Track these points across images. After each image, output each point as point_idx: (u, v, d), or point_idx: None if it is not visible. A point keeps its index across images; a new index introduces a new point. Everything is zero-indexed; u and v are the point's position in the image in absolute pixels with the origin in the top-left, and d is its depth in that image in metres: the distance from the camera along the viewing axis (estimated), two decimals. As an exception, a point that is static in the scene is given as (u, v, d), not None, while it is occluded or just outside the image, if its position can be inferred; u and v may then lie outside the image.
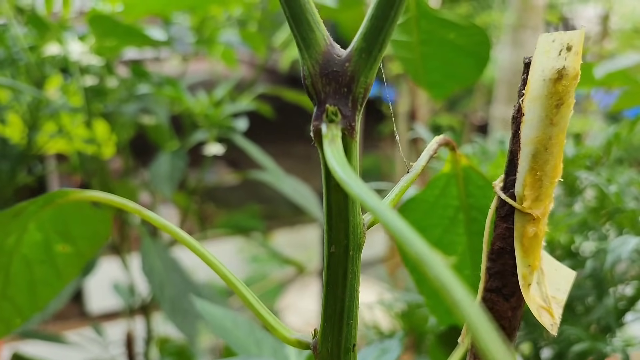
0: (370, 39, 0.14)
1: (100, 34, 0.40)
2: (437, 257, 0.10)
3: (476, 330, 0.09)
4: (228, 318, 0.28)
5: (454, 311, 0.09)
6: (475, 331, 0.09)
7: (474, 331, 0.09)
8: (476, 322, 0.09)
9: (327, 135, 0.14)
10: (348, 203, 0.16)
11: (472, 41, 0.28)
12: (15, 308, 0.30)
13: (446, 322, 0.30)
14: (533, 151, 0.16)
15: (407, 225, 0.11)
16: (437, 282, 0.10)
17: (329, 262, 0.16)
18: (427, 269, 0.10)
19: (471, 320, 0.09)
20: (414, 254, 0.10)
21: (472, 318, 0.09)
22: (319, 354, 0.17)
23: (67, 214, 0.27)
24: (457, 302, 0.09)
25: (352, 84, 0.15)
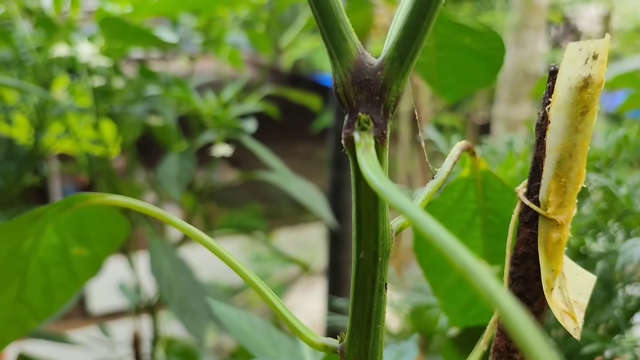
0: (403, 49, 0.15)
1: (110, 35, 0.40)
2: (483, 267, 0.10)
3: (525, 338, 0.09)
4: (244, 320, 0.28)
5: (503, 317, 0.09)
6: (523, 340, 0.09)
7: (522, 341, 0.09)
8: (525, 332, 0.09)
9: (360, 143, 0.15)
10: (378, 210, 0.16)
11: (487, 46, 0.28)
12: (31, 310, 0.30)
13: (460, 324, 0.30)
14: (558, 158, 0.16)
15: (446, 232, 0.11)
16: (482, 289, 0.10)
17: (357, 268, 0.16)
18: (471, 277, 0.10)
19: (520, 330, 0.09)
20: (458, 263, 0.10)
21: (521, 327, 0.09)
22: (346, 358, 0.17)
23: (84, 218, 0.27)
24: (504, 308, 0.10)
25: (384, 92, 0.15)
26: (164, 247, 0.47)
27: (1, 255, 0.27)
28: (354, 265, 0.17)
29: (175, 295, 0.45)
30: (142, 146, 0.69)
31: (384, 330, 0.17)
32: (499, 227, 0.26)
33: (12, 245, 0.27)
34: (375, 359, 0.17)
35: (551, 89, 0.16)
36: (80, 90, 0.58)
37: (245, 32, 0.59)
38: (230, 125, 0.51)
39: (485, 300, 0.10)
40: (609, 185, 0.38)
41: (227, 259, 0.19)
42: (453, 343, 0.30)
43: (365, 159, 0.14)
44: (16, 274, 0.28)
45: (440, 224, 0.27)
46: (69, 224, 0.27)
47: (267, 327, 0.29)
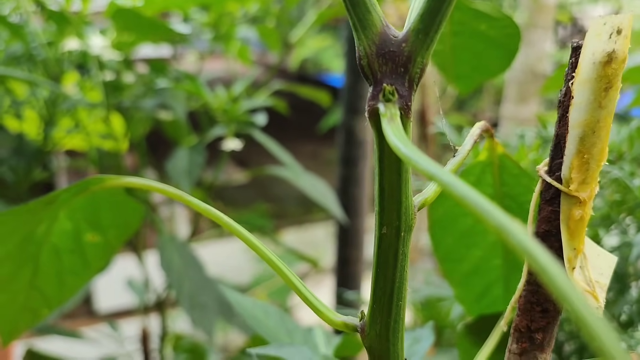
0: (427, 20, 0.15)
1: (122, 27, 0.41)
2: (517, 225, 0.10)
3: (562, 291, 0.09)
4: (259, 308, 0.28)
5: (546, 280, 0.09)
6: (561, 292, 0.09)
7: (560, 294, 0.09)
8: (563, 284, 0.09)
9: (386, 114, 0.14)
10: (401, 184, 0.16)
11: (503, 33, 0.28)
12: (44, 298, 0.30)
13: (474, 312, 0.30)
14: (581, 134, 0.16)
15: (480, 195, 0.11)
16: (518, 246, 0.10)
17: (380, 243, 0.16)
18: (507, 236, 0.10)
19: (557, 283, 0.09)
20: (492, 223, 0.10)
21: (558, 280, 0.09)
22: (366, 336, 0.17)
23: (98, 202, 0.27)
24: (541, 263, 0.09)
25: (408, 64, 0.15)
26: (174, 242, 0.47)
27: (15, 241, 0.27)
28: (375, 240, 0.16)
29: (185, 290, 0.44)
30: (150, 142, 0.69)
31: (405, 308, 0.17)
32: (515, 212, 0.26)
33: (25, 230, 0.27)
34: (397, 337, 0.17)
35: (574, 64, 0.16)
36: (90, 85, 0.59)
37: (255, 28, 0.59)
38: (240, 119, 0.51)
39: (521, 258, 0.10)
40: (622, 177, 0.38)
41: (254, 245, 0.19)
42: (467, 331, 0.29)
43: (391, 129, 0.14)
44: (29, 260, 0.28)
45: (456, 208, 0.27)
46: (83, 209, 0.27)
47: (281, 315, 0.28)
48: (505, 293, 0.30)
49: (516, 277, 0.31)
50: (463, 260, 0.29)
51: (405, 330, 0.17)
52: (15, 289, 0.28)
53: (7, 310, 0.29)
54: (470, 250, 0.29)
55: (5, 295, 0.29)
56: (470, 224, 0.28)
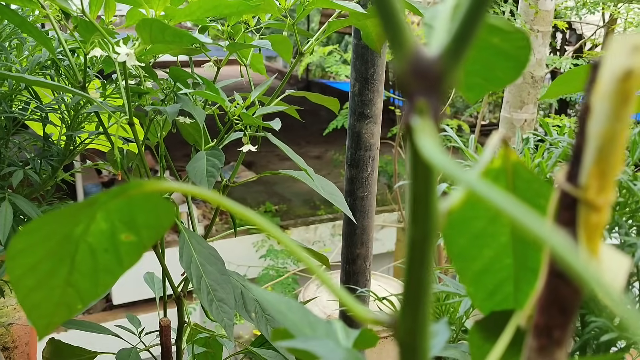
0: (460, 42, 0.16)
1: (147, 36, 0.42)
2: (547, 226, 0.11)
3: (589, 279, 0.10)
4: (282, 303, 0.30)
5: (573, 273, 0.11)
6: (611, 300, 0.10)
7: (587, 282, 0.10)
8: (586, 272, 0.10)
9: (419, 127, 0.16)
10: (430, 193, 0.17)
11: (514, 46, 0.30)
12: (78, 294, 0.32)
13: (485, 310, 0.32)
14: (599, 145, 0.18)
15: (511, 198, 0.13)
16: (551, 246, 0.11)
17: (411, 247, 0.18)
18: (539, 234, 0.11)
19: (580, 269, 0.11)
20: (524, 223, 0.12)
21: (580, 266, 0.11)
22: (397, 331, 0.19)
23: (134, 204, 0.29)
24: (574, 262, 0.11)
25: (441, 81, 0.16)
26: (194, 237, 0.48)
27: (55, 241, 0.29)
28: (408, 244, 0.18)
29: (205, 285, 0.46)
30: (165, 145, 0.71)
31: (430, 305, 0.19)
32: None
33: (65, 230, 0.29)
34: (425, 331, 0.19)
35: (593, 80, 0.18)
36: (109, 91, 0.61)
37: (268, 37, 0.61)
38: (255, 124, 0.52)
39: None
40: (625, 180, 0.39)
41: (289, 246, 0.20)
42: (479, 327, 0.31)
43: (425, 141, 0.15)
44: (66, 258, 0.30)
45: (470, 211, 0.28)
46: (119, 210, 0.29)
47: (304, 310, 0.30)
48: (516, 291, 0.31)
49: (526, 276, 0.32)
50: (475, 260, 0.30)
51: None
52: (52, 285, 0.30)
53: (44, 306, 0.31)
54: (482, 251, 0.31)
55: (43, 292, 0.30)
56: (483, 226, 0.29)
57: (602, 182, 0.18)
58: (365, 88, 0.67)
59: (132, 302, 2.70)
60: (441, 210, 0.18)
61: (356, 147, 0.70)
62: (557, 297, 0.19)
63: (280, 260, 2.35)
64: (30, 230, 0.27)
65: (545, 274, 0.20)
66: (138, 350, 0.59)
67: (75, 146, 0.61)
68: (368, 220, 0.71)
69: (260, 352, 0.60)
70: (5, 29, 0.57)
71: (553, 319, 0.19)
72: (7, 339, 0.65)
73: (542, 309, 0.20)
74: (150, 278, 0.68)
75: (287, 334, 0.28)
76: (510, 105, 1.21)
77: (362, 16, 0.55)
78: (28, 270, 0.29)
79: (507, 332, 0.23)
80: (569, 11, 1.53)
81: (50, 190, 0.63)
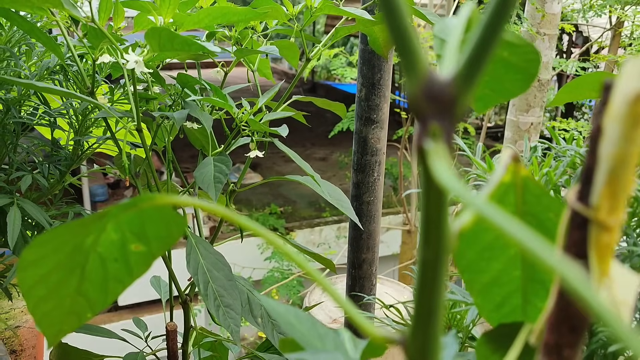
0: (473, 67, 0.16)
1: (156, 44, 0.43)
2: (554, 251, 0.12)
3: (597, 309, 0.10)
4: (291, 314, 0.30)
5: (578, 297, 0.11)
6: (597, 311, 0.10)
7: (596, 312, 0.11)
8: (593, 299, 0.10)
9: (432, 151, 0.16)
10: (442, 214, 0.17)
11: (524, 59, 0.30)
12: (89, 303, 0.32)
13: (493, 321, 0.32)
14: (611, 166, 0.18)
15: (522, 226, 0.13)
16: (559, 272, 0.11)
17: (423, 265, 0.18)
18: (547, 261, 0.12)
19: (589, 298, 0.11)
20: (530, 248, 0.12)
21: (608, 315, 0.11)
22: (408, 349, 0.19)
23: (145, 216, 0.29)
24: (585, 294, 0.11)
25: (453, 105, 0.16)
26: (201, 243, 0.49)
27: (66, 251, 0.29)
28: (419, 262, 0.18)
29: (211, 290, 0.46)
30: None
31: (442, 323, 0.19)
32: (535, 227, 0.27)
33: (76, 241, 0.29)
34: (436, 350, 0.19)
35: (605, 102, 0.18)
36: (118, 95, 0.61)
37: (275, 43, 0.61)
38: (263, 130, 0.53)
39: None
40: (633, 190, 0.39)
41: (297, 261, 0.20)
42: (487, 339, 0.31)
43: (438, 165, 0.15)
44: (77, 268, 0.30)
45: (479, 224, 0.28)
46: (129, 222, 0.29)
47: (312, 321, 0.30)
48: (524, 303, 0.31)
49: (534, 288, 0.32)
50: (483, 272, 0.30)
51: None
52: (63, 294, 0.30)
53: (54, 315, 0.31)
54: (491, 263, 0.31)
55: (54, 301, 0.31)
56: (491, 239, 0.29)
57: (613, 203, 0.18)
58: (371, 93, 0.68)
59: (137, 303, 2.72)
60: (453, 232, 0.18)
61: (362, 152, 0.70)
62: (567, 315, 0.19)
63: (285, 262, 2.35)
64: (41, 242, 0.27)
65: (555, 292, 0.20)
66: (145, 355, 0.59)
67: (83, 151, 0.62)
68: (374, 225, 0.71)
69: (266, 356, 0.60)
70: (14, 35, 0.57)
71: (563, 337, 0.19)
72: (15, 342, 0.65)
73: (552, 327, 0.20)
74: (156, 282, 0.68)
75: (296, 344, 0.28)
76: (517, 109, 1.21)
77: (369, 23, 0.55)
78: (39, 280, 0.30)
79: (517, 346, 0.23)
80: (576, 14, 1.53)
81: (58, 195, 0.64)
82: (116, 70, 0.61)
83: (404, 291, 1.04)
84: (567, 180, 0.42)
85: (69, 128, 0.62)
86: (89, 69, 0.58)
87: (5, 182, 0.58)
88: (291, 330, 0.28)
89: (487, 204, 0.14)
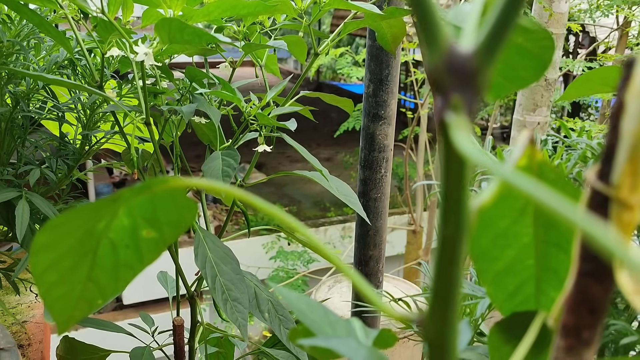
0: (494, 39, 0.16)
1: (166, 35, 0.43)
2: (600, 226, 0.11)
3: None
4: (303, 302, 0.30)
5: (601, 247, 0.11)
6: None
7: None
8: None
9: (453, 124, 0.16)
10: (463, 189, 0.17)
11: (539, 45, 0.30)
12: (99, 289, 0.32)
13: (505, 311, 0.31)
14: (633, 142, 0.17)
15: (544, 188, 0.12)
16: (589, 233, 0.11)
17: (443, 243, 0.18)
18: (576, 221, 0.11)
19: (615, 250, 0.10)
20: (562, 213, 0.12)
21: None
22: (426, 328, 0.19)
23: (157, 201, 0.29)
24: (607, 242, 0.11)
25: (475, 77, 0.16)
26: (209, 237, 0.49)
27: (77, 236, 0.29)
28: (439, 241, 0.18)
29: (219, 284, 0.46)
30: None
31: (460, 304, 0.19)
32: (548, 214, 0.27)
33: (88, 226, 0.29)
34: (454, 330, 0.18)
35: (627, 78, 0.17)
36: (125, 90, 0.61)
37: (283, 38, 0.61)
38: (271, 124, 0.52)
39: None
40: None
41: (322, 251, 0.20)
42: (498, 329, 0.30)
43: (460, 137, 0.15)
44: (88, 254, 0.30)
45: (493, 210, 0.28)
46: (141, 207, 0.29)
47: (324, 309, 0.30)
48: (537, 292, 0.31)
49: (547, 277, 0.32)
50: (497, 260, 0.30)
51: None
52: (74, 280, 0.30)
53: (65, 301, 0.31)
54: (504, 251, 0.30)
55: (65, 287, 0.30)
56: (506, 226, 0.29)
57: (635, 181, 0.18)
58: (379, 89, 0.67)
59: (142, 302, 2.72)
60: (472, 208, 0.18)
61: (370, 149, 0.70)
62: (586, 296, 0.19)
63: (290, 261, 2.35)
64: (53, 226, 0.27)
65: (574, 273, 0.19)
66: (152, 349, 0.59)
67: (90, 145, 0.62)
68: (381, 221, 0.70)
69: (273, 352, 0.60)
70: (23, 29, 0.58)
71: (582, 319, 0.19)
72: (22, 337, 0.65)
73: (570, 308, 0.19)
74: (163, 277, 0.68)
75: (305, 332, 0.28)
76: (524, 108, 1.20)
77: (378, 17, 0.55)
78: (51, 265, 0.30)
79: (531, 333, 0.23)
80: (583, 14, 1.52)
81: (66, 189, 0.64)
82: (124, 66, 0.61)
83: (410, 289, 1.03)
84: (579, 173, 0.41)
85: (76, 122, 0.62)
86: (98, 63, 0.59)
87: (14, 176, 0.58)
88: (302, 317, 0.28)
89: (513, 171, 0.14)
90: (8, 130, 0.57)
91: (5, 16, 0.53)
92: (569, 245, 0.29)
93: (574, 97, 0.54)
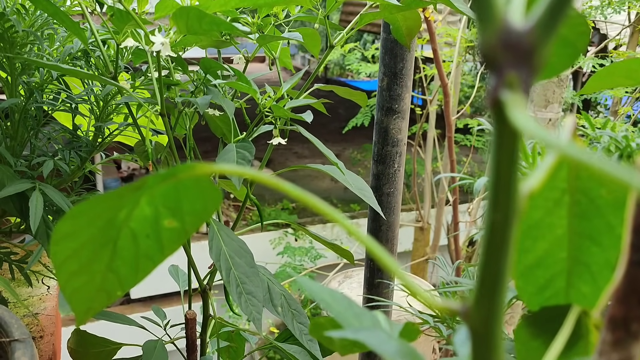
0: (553, 16, 0.15)
1: (183, 24, 0.42)
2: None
3: None
4: (326, 293, 0.29)
5: None
6: None
7: None
8: None
9: (509, 101, 0.15)
10: (514, 173, 0.16)
11: (575, 31, 0.29)
12: (119, 280, 0.31)
13: (534, 305, 0.30)
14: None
15: (605, 159, 0.12)
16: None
17: (492, 228, 0.17)
18: None
19: None
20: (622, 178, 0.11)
21: None
22: (470, 319, 0.18)
23: (180, 189, 0.28)
24: None
25: (531, 54, 0.15)
26: (223, 230, 0.48)
27: (99, 225, 0.29)
28: (487, 226, 0.17)
29: (234, 277, 0.46)
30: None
31: (506, 293, 0.18)
32: (584, 206, 0.26)
33: (109, 215, 0.28)
34: (500, 320, 0.18)
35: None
36: (138, 83, 0.61)
37: (298, 30, 0.60)
38: (287, 116, 0.52)
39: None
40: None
41: (360, 238, 0.19)
42: (526, 323, 0.30)
43: (517, 115, 0.15)
44: (109, 244, 0.29)
45: (527, 201, 0.27)
46: (163, 195, 0.28)
47: (348, 300, 0.29)
48: (567, 286, 0.30)
49: (579, 271, 0.31)
50: (528, 252, 0.29)
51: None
52: (94, 270, 0.30)
53: (85, 291, 0.31)
54: (537, 243, 0.30)
55: (85, 277, 0.30)
56: (540, 216, 0.28)
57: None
58: (393, 83, 0.67)
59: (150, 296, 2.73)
60: (523, 192, 0.17)
61: (383, 143, 0.69)
62: (637, 287, 0.18)
63: (297, 257, 2.35)
64: (75, 215, 0.26)
65: (625, 262, 0.19)
66: (164, 342, 0.59)
67: (103, 138, 0.62)
68: (394, 216, 0.70)
69: (285, 346, 0.59)
70: (38, 19, 0.57)
71: (632, 311, 0.18)
72: (34, 329, 0.65)
73: (620, 300, 0.19)
74: (174, 271, 0.68)
75: (330, 324, 0.27)
76: (535, 105, 1.19)
77: (394, 9, 0.54)
78: (71, 254, 0.29)
79: (566, 328, 0.22)
80: (594, 10, 1.50)
81: (78, 182, 0.64)
82: (138, 58, 0.61)
83: (421, 284, 1.03)
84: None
85: (89, 114, 0.62)
86: (112, 55, 0.58)
87: (27, 167, 0.57)
88: (327, 308, 0.27)
89: (571, 143, 0.13)
90: (21, 122, 0.56)
91: (20, 6, 0.52)
92: (603, 237, 0.28)
93: (596, 90, 0.53)
